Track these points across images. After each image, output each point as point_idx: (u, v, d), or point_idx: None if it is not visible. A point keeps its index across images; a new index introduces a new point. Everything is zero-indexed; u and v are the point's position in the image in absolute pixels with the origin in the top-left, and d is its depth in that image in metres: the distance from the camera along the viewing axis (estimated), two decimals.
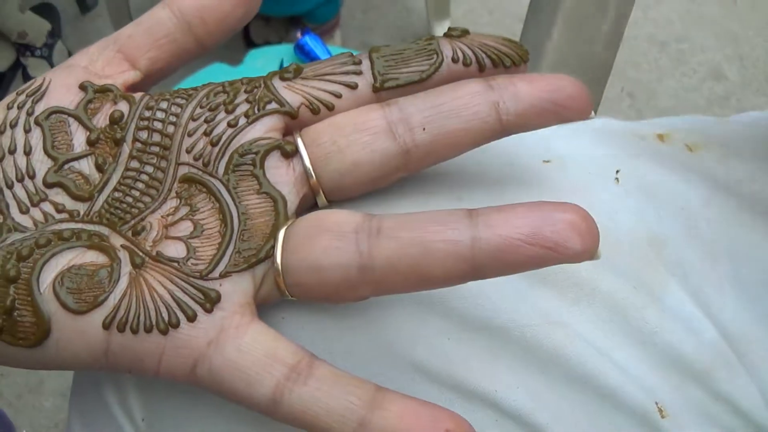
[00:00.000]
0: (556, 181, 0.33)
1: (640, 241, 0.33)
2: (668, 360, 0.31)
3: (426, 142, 0.28)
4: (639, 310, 0.31)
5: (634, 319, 0.31)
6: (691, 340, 0.32)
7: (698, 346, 0.32)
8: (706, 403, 0.31)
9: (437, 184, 0.32)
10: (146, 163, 0.28)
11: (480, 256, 0.23)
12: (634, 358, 0.31)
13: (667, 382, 0.31)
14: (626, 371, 0.31)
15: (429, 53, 0.30)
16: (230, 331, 0.26)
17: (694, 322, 0.32)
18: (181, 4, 0.31)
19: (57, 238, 0.26)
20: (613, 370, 0.30)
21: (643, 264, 0.32)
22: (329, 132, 0.29)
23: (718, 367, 0.32)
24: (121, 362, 0.26)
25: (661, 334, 0.31)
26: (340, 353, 0.29)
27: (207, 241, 0.27)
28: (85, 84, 0.30)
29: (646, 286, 0.32)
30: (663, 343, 0.31)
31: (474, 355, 0.30)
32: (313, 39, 1.09)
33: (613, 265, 0.32)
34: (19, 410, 1.34)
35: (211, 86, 0.30)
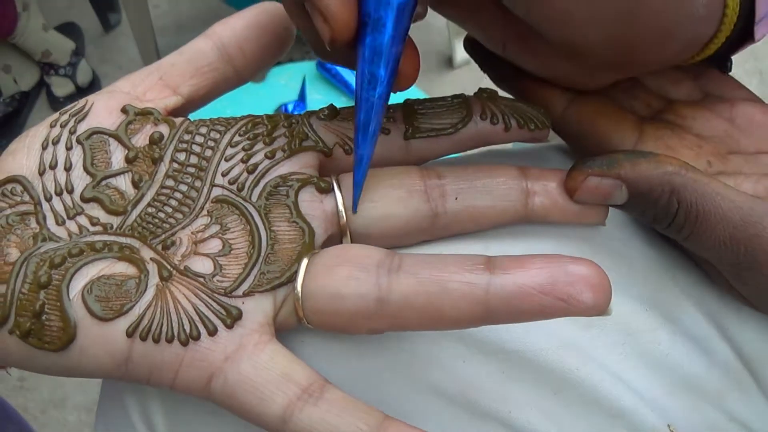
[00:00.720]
0: None
1: (655, 265, 0.33)
2: (681, 382, 0.32)
3: (455, 211, 0.30)
4: (651, 332, 0.32)
5: (647, 342, 0.32)
6: (703, 361, 0.32)
7: (710, 367, 0.32)
8: (720, 424, 0.32)
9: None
10: (181, 182, 0.29)
11: (494, 301, 0.24)
12: (647, 380, 0.31)
13: (680, 404, 0.32)
14: (639, 393, 0.31)
15: (459, 109, 0.32)
16: (248, 348, 0.26)
17: (708, 343, 0.32)
18: (222, 36, 0.32)
19: (89, 248, 0.27)
20: (626, 392, 0.31)
21: (658, 287, 0.33)
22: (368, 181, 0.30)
23: (731, 388, 0.32)
24: (141, 371, 0.27)
25: (673, 356, 0.32)
26: (358, 376, 0.30)
27: (234, 260, 0.28)
28: (126, 107, 0.31)
29: (660, 308, 0.32)
30: (675, 364, 0.32)
31: (488, 378, 0.30)
32: None
33: (626, 288, 0.32)
34: (43, 424, 1.35)
35: (251, 117, 0.31)
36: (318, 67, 1.11)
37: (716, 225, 0.28)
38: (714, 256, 0.29)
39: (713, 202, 0.28)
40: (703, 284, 0.33)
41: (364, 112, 0.28)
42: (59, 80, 1.84)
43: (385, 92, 0.28)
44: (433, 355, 0.30)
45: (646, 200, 0.29)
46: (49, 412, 1.37)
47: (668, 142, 0.33)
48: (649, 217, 0.30)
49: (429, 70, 1.73)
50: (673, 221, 0.29)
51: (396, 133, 0.31)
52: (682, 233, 0.29)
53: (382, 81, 0.27)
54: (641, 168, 0.29)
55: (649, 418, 0.31)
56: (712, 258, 0.29)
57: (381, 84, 0.27)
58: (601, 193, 0.29)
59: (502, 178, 0.30)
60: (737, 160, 0.32)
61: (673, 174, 0.28)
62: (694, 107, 0.34)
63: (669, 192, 0.28)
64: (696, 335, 0.32)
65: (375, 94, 0.27)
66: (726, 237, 0.28)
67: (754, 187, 0.30)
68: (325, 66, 1.10)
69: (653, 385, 0.31)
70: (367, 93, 0.27)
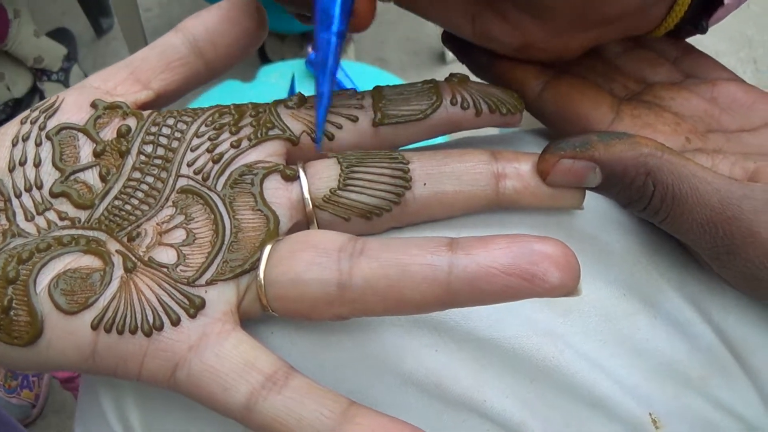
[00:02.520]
0: None
1: (633, 249, 0.33)
2: (662, 367, 0.31)
3: (423, 197, 0.29)
4: (630, 317, 0.31)
5: (626, 328, 0.31)
6: (684, 346, 0.32)
7: (693, 352, 0.32)
8: (704, 410, 0.31)
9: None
10: (148, 174, 0.29)
11: (456, 282, 0.24)
12: (628, 367, 0.31)
13: (661, 391, 0.31)
14: (619, 381, 0.31)
15: (429, 95, 0.31)
16: (211, 337, 0.26)
17: (690, 328, 0.32)
18: (193, 30, 0.32)
19: (57, 243, 0.28)
20: (605, 380, 0.30)
21: (636, 271, 0.32)
22: (333, 168, 0.29)
23: (714, 373, 0.32)
24: (107, 363, 0.27)
25: (653, 341, 0.31)
26: (330, 367, 0.30)
27: (198, 250, 0.28)
28: (96, 102, 0.31)
29: (639, 293, 0.32)
30: (655, 350, 0.31)
31: (462, 366, 0.30)
32: None
33: (604, 274, 0.32)
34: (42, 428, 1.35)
35: (218, 107, 0.31)
36: (307, 65, 1.11)
37: (693, 207, 0.28)
38: (692, 239, 0.29)
39: (690, 184, 0.27)
40: (683, 268, 0.32)
41: (321, 51, 0.29)
42: (52, 86, 1.83)
43: (340, 30, 0.29)
44: (406, 345, 0.30)
45: (621, 182, 0.28)
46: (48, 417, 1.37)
47: (646, 120, 0.32)
48: (624, 199, 0.29)
49: (421, 65, 1.73)
50: (649, 204, 0.29)
51: (364, 119, 0.31)
52: (659, 216, 0.29)
53: (336, 19, 0.28)
54: (615, 149, 0.28)
55: (630, 406, 0.30)
56: (690, 241, 0.29)
57: (335, 22, 0.29)
58: (574, 175, 0.29)
59: (472, 162, 0.30)
60: (717, 139, 0.32)
61: (648, 155, 0.28)
62: (673, 88, 0.34)
63: (644, 174, 0.28)
64: (677, 320, 0.32)
65: (330, 33, 0.29)
66: (703, 220, 0.27)
67: (731, 168, 0.30)
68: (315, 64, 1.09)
69: (633, 372, 0.31)
70: (321, 32, 0.29)
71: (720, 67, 0.35)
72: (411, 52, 1.73)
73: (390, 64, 1.72)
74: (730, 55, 1.77)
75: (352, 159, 0.29)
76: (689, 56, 0.36)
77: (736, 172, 0.30)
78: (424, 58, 1.74)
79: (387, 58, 1.73)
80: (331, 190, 0.29)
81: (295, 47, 1.65)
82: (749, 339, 0.32)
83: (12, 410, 1.29)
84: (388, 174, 0.29)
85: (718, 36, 1.80)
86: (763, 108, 0.32)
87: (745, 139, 0.31)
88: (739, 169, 0.30)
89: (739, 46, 1.78)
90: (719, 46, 1.78)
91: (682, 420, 0.31)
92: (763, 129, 0.32)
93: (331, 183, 0.29)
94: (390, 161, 0.29)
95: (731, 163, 0.30)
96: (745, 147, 0.31)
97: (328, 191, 0.29)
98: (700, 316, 0.32)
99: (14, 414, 1.29)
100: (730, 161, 0.30)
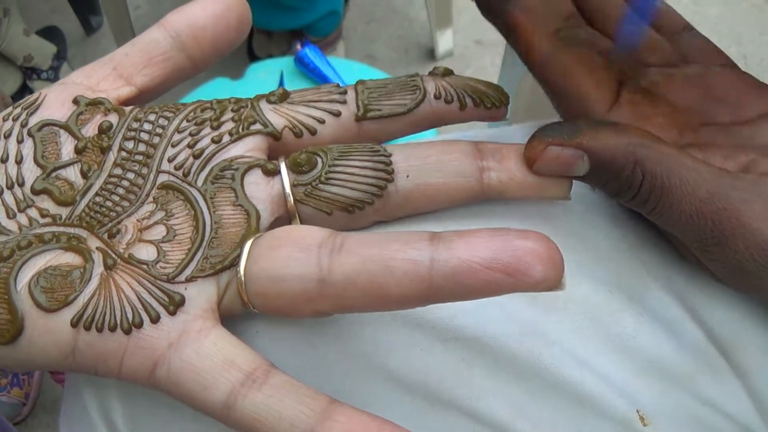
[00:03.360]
0: None
1: (620, 245, 0.33)
2: (649, 365, 0.31)
3: (406, 190, 0.29)
4: (616, 314, 0.31)
5: (612, 325, 0.31)
6: (671, 343, 0.32)
7: (680, 349, 0.32)
8: (692, 407, 0.31)
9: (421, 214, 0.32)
10: (129, 170, 0.29)
11: (437, 278, 0.23)
12: (614, 364, 0.31)
13: (649, 388, 0.31)
14: (606, 378, 0.31)
15: (412, 88, 0.31)
16: (191, 334, 0.26)
17: (677, 325, 0.32)
18: (175, 25, 0.32)
19: (38, 240, 0.28)
20: (591, 377, 0.30)
21: (623, 268, 0.32)
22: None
23: (701, 370, 0.32)
24: (88, 361, 0.26)
25: (639, 338, 0.31)
26: (315, 365, 0.30)
27: (178, 246, 0.28)
28: (78, 98, 0.31)
29: (625, 290, 0.32)
30: (642, 347, 0.31)
31: (447, 365, 0.30)
32: (313, 51, 1.10)
33: (590, 271, 0.32)
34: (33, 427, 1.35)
35: (199, 103, 0.31)
36: (296, 63, 1.11)
37: (682, 198, 0.27)
38: (680, 230, 0.28)
39: (679, 174, 0.27)
40: (670, 265, 0.32)
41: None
42: (42, 84, 1.82)
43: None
44: (391, 344, 0.30)
45: (609, 171, 0.28)
46: (39, 415, 1.37)
47: (643, 110, 0.32)
48: (612, 189, 0.29)
49: (411, 62, 1.73)
50: (637, 194, 0.28)
51: (347, 114, 0.31)
52: (647, 206, 0.28)
53: None
54: (604, 137, 0.28)
55: (617, 403, 0.30)
56: (678, 233, 0.29)
57: None
58: (562, 163, 0.28)
59: (456, 154, 0.29)
60: (710, 132, 0.32)
61: (637, 145, 0.28)
62: (669, 76, 0.34)
63: (633, 163, 0.28)
64: (664, 317, 0.32)
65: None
66: (692, 211, 0.27)
67: (723, 161, 0.30)
68: (303, 61, 1.10)
69: (620, 369, 0.31)
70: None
71: (716, 50, 0.35)
72: (401, 50, 1.73)
73: (380, 61, 1.71)
74: None
75: (335, 152, 0.29)
76: (687, 34, 0.35)
77: (727, 165, 0.29)
78: (414, 56, 1.74)
79: (377, 56, 1.73)
80: (313, 184, 0.28)
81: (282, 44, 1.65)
82: (736, 336, 0.32)
83: (2, 408, 1.28)
84: (370, 167, 0.29)
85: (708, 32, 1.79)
86: (757, 99, 0.32)
87: (738, 132, 0.31)
88: (731, 162, 0.30)
89: (729, 42, 1.78)
90: None
91: (670, 417, 0.31)
92: (757, 121, 0.31)
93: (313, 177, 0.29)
94: (372, 154, 0.29)
95: (723, 156, 0.30)
96: (738, 140, 0.31)
97: (309, 185, 0.28)
98: (687, 313, 0.32)
99: (4, 412, 1.28)
100: (722, 154, 0.30)
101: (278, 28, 1.59)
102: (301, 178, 0.29)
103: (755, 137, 0.31)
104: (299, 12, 1.52)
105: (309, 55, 1.09)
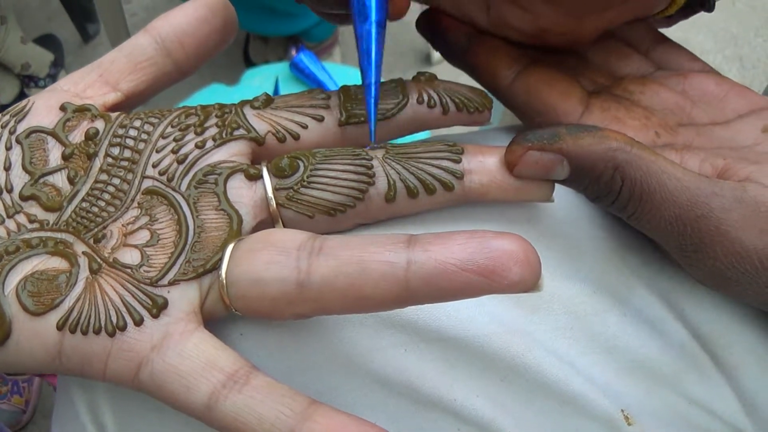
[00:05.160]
0: None
1: (604, 246, 0.33)
2: (634, 365, 0.31)
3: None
4: (600, 314, 0.32)
5: (596, 324, 0.31)
6: (656, 342, 0.32)
7: (665, 349, 0.32)
8: (678, 406, 0.31)
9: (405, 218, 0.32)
10: (114, 176, 0.30)
11: (414, 280, 0.23)
12: (599, 364, 0.31)
13: (634, 388, 0.31)
14: (590, 378, 0.31)
15: (396, 93, 0.31)
16: (174, 337, 0.26)
17: (662, 324, 0.32)
18: (160, 30, 0.32)
19: (25, 245, 0.28)
20: (575, 377, 0.30)
21: (607, 268, 0.32)
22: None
23: (688, 369, 0.32)
24: (74, 363, 0.27)
25: (623, 338, 0.31)
26: (299, 368, 0.30)
27: (161, 250, 0.28)
28: (65, 105, 0.31)
29: (609, 290, 0.32)
30: (626, 347, 0.31)
31: (431, 366, 0.30)
32: (308, 56, 1.10)
33: (574, 271, 0.32)
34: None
35: (184, 108, 0.31)
36: (291, 68, 1.11)
37: (661, 204, 0.27)
38: (659, 235, 0.29)
39: (659, 180, 0.27)
40: (655, 265, 0.33)
41: (364, 41, 0.30)
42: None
43: (379, 20, 0.30)
44: (375, 345, 0.30)
45: (589, 176, 0.28)
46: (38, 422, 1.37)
47: (615, 114, 0.32)
48: (592, 193, 0.29)
49: (407, 67, 1.73)
50: (617, 199, 0.28)
51: (330, 119, 0.31)
52: (626, 211, 0.29)
53: (373, 10, 0.30)
54: (584, 142, 0.28)
55: (601, 403, 0.30)
56: (657, 238, 0.29)
57: (371, 13, 0.30)
58: (542, 167, 0.29)
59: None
60: (688, 133, 0.32)
61: (617, 150, 0.28)
62: (642, 81, 0.34)
63: (612, 168, 0.28)
64: (648, 317, 0.32)
65: (369, 23, 0.30)
66: (672, 217, 0.27)
67: (700, 165, 0.30)
68: (298, 66, 1.10)
69: (605, 370, 0.31)
70: (360, 25, 0.30)
71: (692, 57, 0.35)
72: (397, 54, 1.74)
73: None
74: (715, 53, 1.77)
75: (317, 157, 0.29)
76: (661, 46, 0.36)
77: (705, 169, 0.30)
78: (410, 60, 1.74)
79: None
80: (295, 188, 0.29)
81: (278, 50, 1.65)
82: (721, 334, 0.32)
83: (2, 416, 1.28)
84: (351, 170, 0.29)
85: (704, 34, 1.80)
86: (735, 100, 0.32)
87: (716, 133, 0.31)
88: (709, 165, 0.30)
89: (724, 43, 1.78)
90: (705, 44, 1.79)
91: (656, 416, 0.31)
92: (735, 122, 0.32)
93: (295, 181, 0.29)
94: (353, 157, 0.29)
95: (700, 159, 0.30)
96: (715, 141, 0.31)
97: (291, 189, 0.29)
98: (671, 312, 0.32)
99: (5, 420, 1.29)
100: (699, 157, 0.30)
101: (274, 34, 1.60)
102: (283, 182, 0.29)
103: (734, 138, 0.31)
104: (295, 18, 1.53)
105: (304, 60, 1.09)
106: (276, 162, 0.29)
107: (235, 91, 1.12)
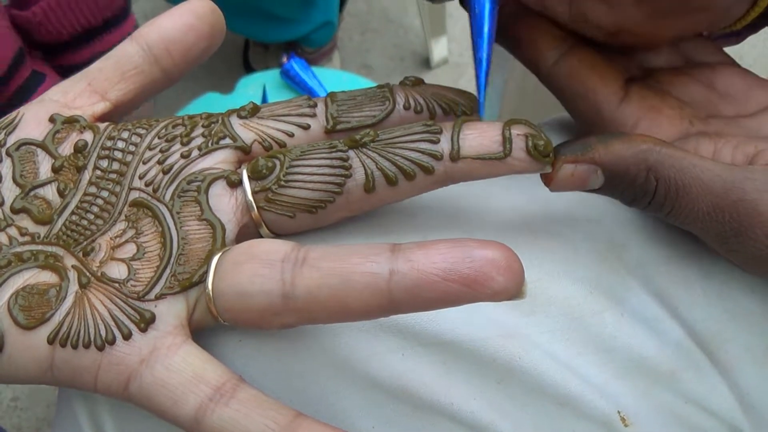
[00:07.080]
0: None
1: (600, 246, 0.33)
2: (630, 365, 0.31)
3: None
4: (596, 314, 0.32)
5: (593, 325, 0.32)
6: (653, 342, 0.32)
7: (661, 348, 0.32)
8: (675, 406, 0.32)
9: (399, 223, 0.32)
10: (103, 188, 0.30)
11: (396, 290, 0.24)
12: (596, 365, 0.31)
13: (631, 389, 0.31)
14: (587, 380, 0.31)
15: (382, 99, 0.31)
16: (162, 350, 0.27)
17: (658, 324, 0.32)
18: (147, 38, 0.32)
19: (17, 259, 0.28)
20: (572, 379, 0.30)
21: (603, 269, 0.32)
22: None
23: (684, 368, 0.32)
24: (65, 376, 0.27)
25: (621, 338, 0.32)
26: (296, 373, 0.30)
27: (147, 264, 0.28)
28: (54, 116, 0.31)
29: (606, 290, 0.32)
30: (623, 347, 0.31)
31: (428, 369, 0.30)
32: (298, 63, 1.10)
33: (570, 272, 0.32)
34: None
35: (172, 119, 0.31)
36: (282, 75, 1.11)
37: (698, 196, 0.28)
38: (699, 227, 0.29)
39: (692, 173, 0.28)
40: (650, 264, 0.33)
41: (477, 18, 0.31)
42: None
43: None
44: (372, 350, 0.30)
45: (624, 181, 0.29)
46: (43, 430, 1.37)
47: (652, 102, 0.32)
48: (628, 197, 0.29)
49: (407, 70, 1.73)
50: (653, 199, 0.29)
51: (316, 127, 0.31)
52: (664, 209, 0.29)
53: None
54: (615, 149, 0.28)
55: (598, 404, 0.31)
56: (697, 230, 0.29)
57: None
58: (578, 179, 0.29)
59: None
60: (717, 123, 0.32)
61: (647, 151, 0.28)
62: (673, 74, 0.34)
63: (645, 170, 0.28)
64: (644, 316, 0.32)
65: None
66: (709, 207, 0.28)
67: (733, 152, 0.30)
68: (288, 74, 1.10)
69: (601, 370, 0.31)
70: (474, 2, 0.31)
71: (717, 49, 0.35)
72: (396, 58, 1.74)
73: (375, 70, 1.71)
74: None
75: (294, 153, 0.29)
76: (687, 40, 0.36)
77: (737, 157, 0.30)
78: (409, 64, 1.74)
79: (372, 65, 1.73)
80: (273, 188, 0.29)
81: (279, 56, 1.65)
82: (717, 333, 0.32)
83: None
84: (327, 164, 0.29)
85: None
86: (759, 94, 0.33)
87: (743, 124, 0.32)
88: (741, 153, 0.30)
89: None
90: None
91: (653, 416, 0.31)
92: (760, 114, 0.32)
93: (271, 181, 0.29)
94: (329, 151, 0.29)
95: (733, 146, 0.30)
96: (744, 131, 0.31)
97: (269, 190, 0.29)
98: (667, 311, 0.32)
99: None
100: (732, 145, 0.30)
101: (273, 40, 1.60)
102: (261, 183, 0.29)
103: (760, 129, 0.31)
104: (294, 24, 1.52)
105: (294, 67, 1.09)
106: (254, 163, 0.29)
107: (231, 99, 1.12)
